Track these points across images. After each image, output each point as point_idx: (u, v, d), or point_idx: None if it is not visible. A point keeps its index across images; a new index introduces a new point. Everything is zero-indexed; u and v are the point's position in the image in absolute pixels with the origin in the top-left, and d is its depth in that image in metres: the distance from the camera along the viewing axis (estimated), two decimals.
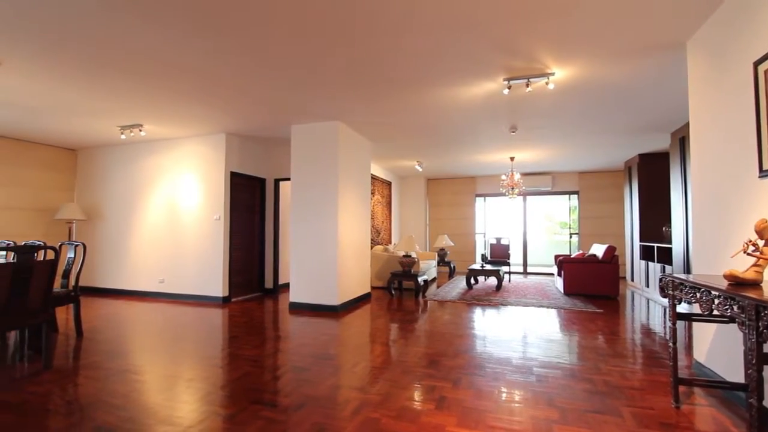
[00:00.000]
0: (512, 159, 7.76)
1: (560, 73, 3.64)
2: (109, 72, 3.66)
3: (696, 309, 2.89)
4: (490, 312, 5.21)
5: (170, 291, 6.15)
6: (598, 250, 6.70)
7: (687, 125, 4.89)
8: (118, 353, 3.44)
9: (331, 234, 5.30)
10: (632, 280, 7.28)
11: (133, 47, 3.17)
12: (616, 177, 9.30)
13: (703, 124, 2.85)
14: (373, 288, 7.05)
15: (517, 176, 7.48)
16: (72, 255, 4.10)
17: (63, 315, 4.78)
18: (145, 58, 3.38)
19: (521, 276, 9.33)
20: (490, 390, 2.63)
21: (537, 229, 11.35)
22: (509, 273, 8.80)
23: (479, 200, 10.59)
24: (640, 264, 6.82)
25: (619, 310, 5.38)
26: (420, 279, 6.32)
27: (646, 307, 5.66)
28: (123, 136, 5.82)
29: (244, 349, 3.58)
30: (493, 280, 8.16)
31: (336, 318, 4.85)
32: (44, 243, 3.23)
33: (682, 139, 5.15)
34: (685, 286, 2.13)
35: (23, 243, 3.08)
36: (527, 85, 3.73)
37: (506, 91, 3.85)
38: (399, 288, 6.86)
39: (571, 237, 10.28)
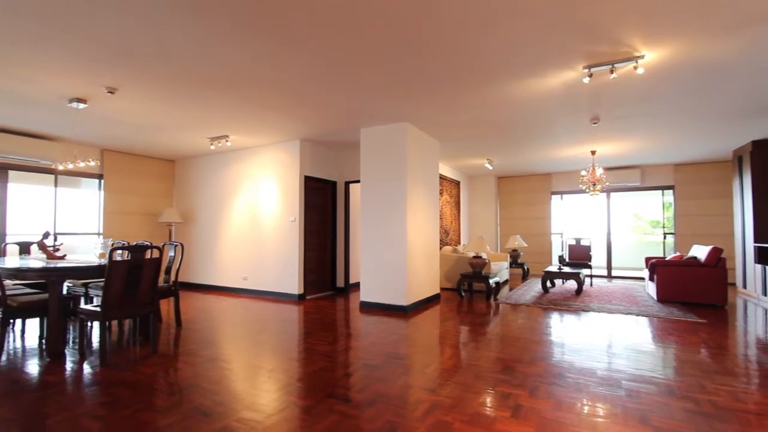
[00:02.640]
0: (593, 153, 7.17)
1: (651, 56, 3.28)
2: (203, 91, 4.07)
3: None
4: (570, 318, 4.86)
5: (252, 288, 6.65)
6: (700, 252, 5.92)
7: None
8: (210, 342, 3.81)
9: (399, 235, 5.34)
10: (744, 287, 6.31)
11: (224, 67, 3.49)
12: (721, 168, 8.13)
13: None
14: (442, 289, 6.96)
15: (599, 171, 6.89)
16: (172, 254, 4.62)
17: (165, 307, 5.41)
18: (233, 76, 3.70)
19: (605, 280, 8.57)
20: (572, 401, 2.45)
21: (623, 228, 10.34)
22: (590, 276, 8.13)
23: (555, 198, 9.94)
24: (755, 268, 5.89)
25: (727, 320, 4.69)
26: (491, 281, 6.11)
27: (764, 318, 4.87)
28: (212, 147, 6.44)
29: (318, 344, 3.75)
30: (572, 284, 7.60)
31: (405, 318, 4.87)
32: (151, 243, 3.68)
33: None
34: None
35: (134, 243, 3.54)
36: (611, 72, 3.42)
37: (587, 80, 3.57)
38: (469, 290, 6.70)
39: (665, 237, 9.20)
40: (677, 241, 8.48)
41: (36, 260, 3.87)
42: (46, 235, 4.29)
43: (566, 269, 6.79)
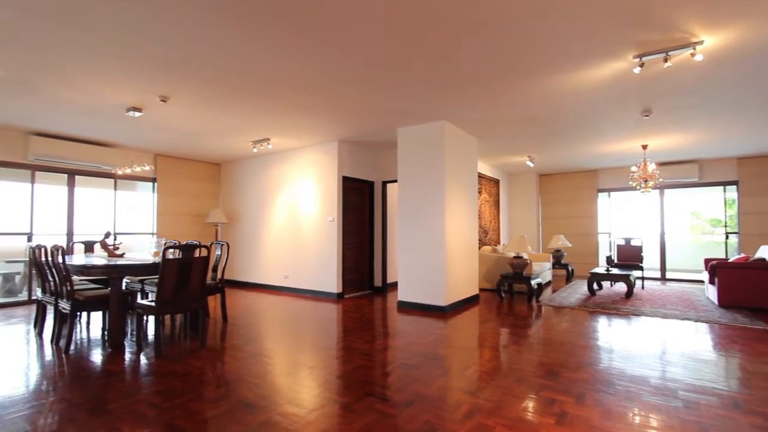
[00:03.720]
0: (645, 147, 6.74)
1: (711, 41, 3.03)
2: (247, 97, 4.24)
3: None
4: (619, 322, 4.60)
5: (293, 286, 6.84)
6: None
7: None
8: (253, 338, 3.95)
9: (437, 234, 5.29)
10: None
11: (266, 74, 3.62)
12: None
13: None
14: (481, 290, 6.83)
15: (651, 166, 6.47)
16: (218, 252, 4.85)
17: (212, 303, 5.68)
18: (274, 82, 3.83)
19: (658, 282, 8.04)
20: (622, 411, 2.31)
21: (678, 227, 9.65)
22: (642, 278, 7.66)
23: (602, 196, 9.45)
24: None
25: None
26: (533, 282, 5.91)
27: None
28: (255, 150, 6.68)
29: (356, 342, 3.79)
30: (620, 287, 7.19)
31: (443, 318, 4.82)
32: (199, 242, 3.88)
33: None
34: None
35: (185, 242, 3.75)
36: (665, 60, 3.20)
37: (637, 70, 3.35)
38: (509, 291, 6.52)
39: (727, 237, 8.48)
40: (741, 242, 7.80)
41: (99, 258, 4.20)
42: (107, 235, 4.64)
43: (615, 271, 6.44)
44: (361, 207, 7.01)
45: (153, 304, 3.44)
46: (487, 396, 2.53)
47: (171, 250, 3.46)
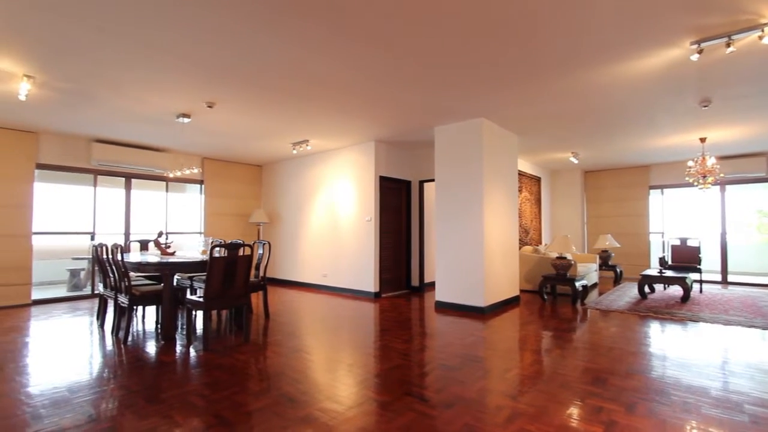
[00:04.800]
0: (703, 140, 6.26)
1: None
2: (288, 99, 4.37)
3: None
4: (673, 328, 4.30)
5: (331, 284, 6.97)
6: None
7: None
8: (294, 334, 4.06)
9: (476, 234, 5.19)
10: None
11: (306, 76, 3.71)
12: None
13: None
14: (522, 291, 6.62)
15: (710, 161, 5.99)
16: (261, 251, 5.03)
17: (255, 300, 5.90)
18: (314, 84, 3.92)
19: (718, 286, 7.44)
20: (678, 423, 2.16)
21: (742, 226, 8.88)
22: (700, 282, 7.12)
23: (654, 193, 8.87)
24: None
25: None
26: (578, 284, 5.65)
27: None
28: (294, 151, 6.87)
29: (394, 342, 3.79)
30: (676, 290, 6.72)
31: (482, 320, 4.72)
32: (243, 241, 4.04)
33: None
34: None
35: (230, 241, 3.92)
36: (727, 45, 2.95)
37: (695, 57, 3.11)
38: (552, 293, 6.27)
39: None
40: None
41: (152, 256, 4.48)
42: (159, 234, 4.94)
43: (669, 273, 6.03)
44: (398, 206, 7.01)
45: (201, 299, 3.62)
46: (530, 401, 2.45)
47: (217, 249, 3.62)
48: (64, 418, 2.23)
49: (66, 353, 3.44)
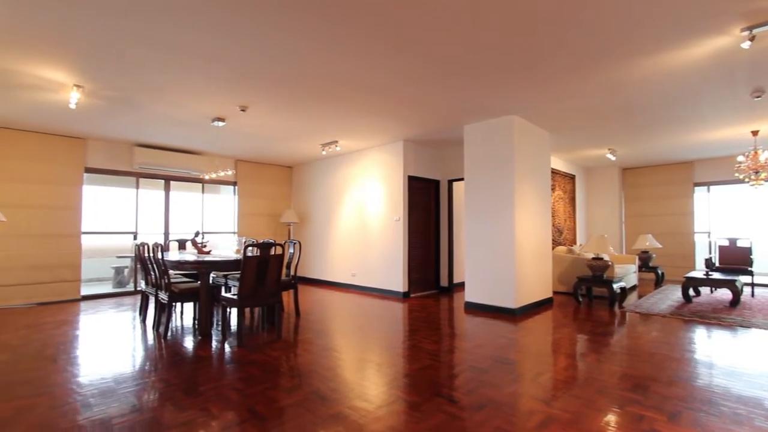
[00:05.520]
0: (755, 133, 5.85)
1: None
2: (317, 100, 4.44)
3: None
4: (721, 334, 4.04)
5: (360, 284, 7.02)
6: None
7: None
8: (324, 333, 4.12)
9: (507, 233, 5.08)
10: None
11: (335, 78, 3.76)
12: None
13: None
14: (555, 293, 6.42)
15: (764, 155, 5.59)
16: (292, 251, 5.13)
17: (286, 298, 6.02)
18: (343, 85, 3.96)
19: None
20: None
21: None
22: (751, 285, 6.65)
23: (699, 190, 8.37)
24: None
25: None
26: (615, 286, 5.42)
27: None
28: (323, 152, 6.96)
29: (423, 342, 3.77)
30: (723, 293, 6.32)
31: (513, 322, 4.61)
32: (274, 241, 4.14)
33: None
34: None
35: (262, 241, 4.02)
36: None
37: (746, 44, 2.91)
38: (587, 295, 6.05)
39: None
40: None
41: (190, 255, 4.67)
42: (196, 234, 5.14)
43: (716, 275, 5.67)
44: (426, 206, 6.97)
45: (235, 297, 3.74)
46: (564, 406, 2.37)
47: (251, 248, 3.73)
48: (111, 407, 2.37)
49: (111, 346, 3.64)
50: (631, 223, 9.16)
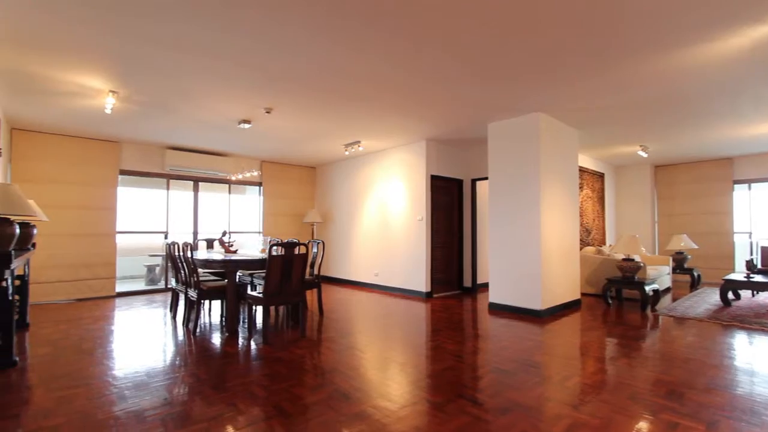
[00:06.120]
0: None
1: None
2: (340, 100, 4.48)
3: None
4: (764, 340, 3.82)
5: (383, 283, 7.03)
6: None
7: None
8: (347, 331, 4.15)
9: (532, 233, 4.98)
10: None
11: (359, 76, 3.78)
12: None
13: None
14: (583, 294, 6.24)
15: None
16: (315, 250, 5.19)
17: (310, 297, 6.10)
18: (366, 85, 3.98)
19: None
20: None
21: None
22: None
23: (740, 188, 7.94)
24: None
25: None
26: (647, 288, 5.21)
27: None
28: (346, 153, 7.02)
29: (446, 343, 3.74)
30: (767, 297, 5.97)
31: (539, 324, 4.51)
32: (298, 241, 4.20)
33: None
34: None
35: (286, 241, 4.09)
36: None
37: None
38: (617, 297, 5.85)
39: None
40: None
41: (217, 254, 4.80)
42: (224, 234, 5.28)
43: (759, 278, 5.37)
44: (449, 206, 6.91)
45: (261, 295, 3.82)
46: (593, 411, 2.30)
47: (275, 248, 3.80)
48: (144, 400, 2.46)
49: (144, 341, 3.79)
50: (664, 223, 8.80)
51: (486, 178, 6.44)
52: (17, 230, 2.96)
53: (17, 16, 2.72)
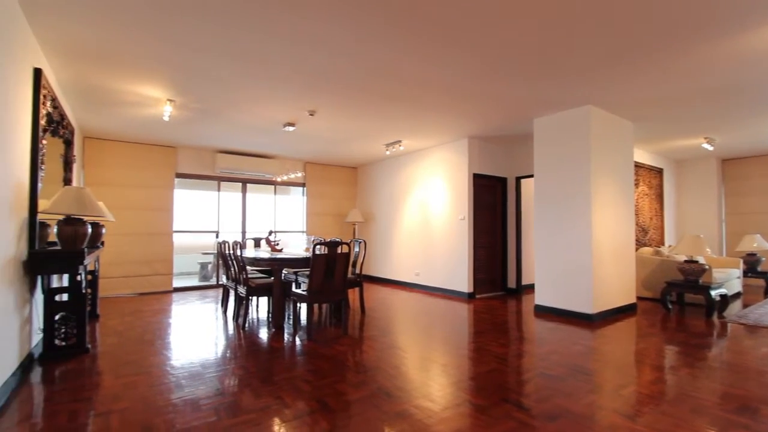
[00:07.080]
0: None
1: None
2: (381, 101, 4.51)
3: None
4: None
5: (424, 283, 6.98)
6: None
7: None
8: (388, 330, 4.17)
9: (582, 233, 4.74)
10: None
11: (399, 78, 3.79)
12: None
13: None
14: (639, 298, 5.84)
15: None
16: (357, 249, 5.26)
17: (352, 296, 6.18)
18: (407, 85, 3.98)
19: None
20: None
21: None
22: None
23: None
24: None
25: None
26: (714, 292, 4.79)
27: None
28: (387, 152, 7.05)
29: (490, 345, 3.65)
30: None
31: (590, 328, 4.28)
32: (341, 240, 4.27)
33: None
34: None
35: (329, 240, 4.17)
36: None
37: None
38: (678, 302, 5.42)
39: None
40: None
41: (264, 252, 4.99)
42: (270, 233, 5.48)
43: None
44: (492, 204, 6.74)
45: (305, 293, 3.92)
46: (651, 423, 2.15)
47: (319, 247, 3.89)
48: (198, 389, 2.61)
49: (198, 334, 4.02)
50: (733, 222, 8.04)
51: (531, 176, 6.21)
52: (89, 230, 3.25)
53: (95, 35, 2.98)
